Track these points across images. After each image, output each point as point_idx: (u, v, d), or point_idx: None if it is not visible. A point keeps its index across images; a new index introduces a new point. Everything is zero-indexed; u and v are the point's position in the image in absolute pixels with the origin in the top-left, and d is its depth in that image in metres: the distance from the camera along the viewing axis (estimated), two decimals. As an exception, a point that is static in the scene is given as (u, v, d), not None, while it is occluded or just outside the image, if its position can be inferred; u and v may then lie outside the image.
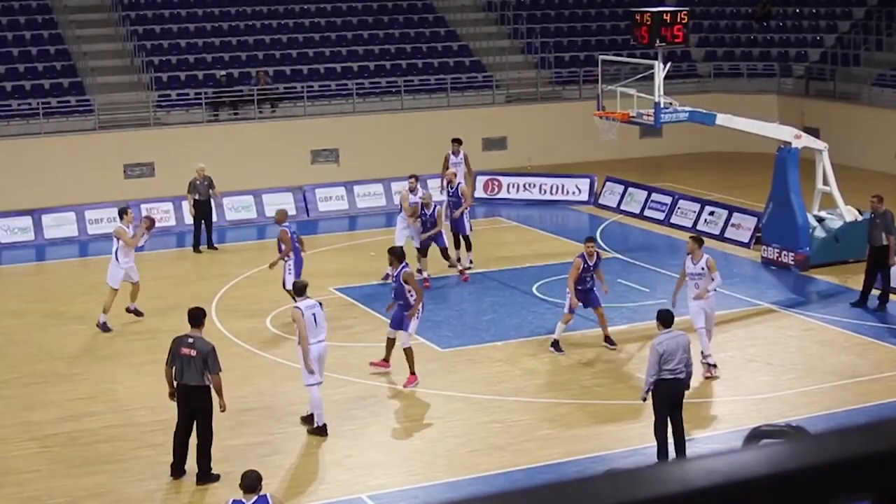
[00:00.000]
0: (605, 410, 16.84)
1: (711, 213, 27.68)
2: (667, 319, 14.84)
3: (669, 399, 14.48)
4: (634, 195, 30.01)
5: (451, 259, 23.63)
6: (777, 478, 1.66)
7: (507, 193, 31.79)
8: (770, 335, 20.14)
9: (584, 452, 15.26)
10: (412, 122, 34.98)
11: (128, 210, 21.93)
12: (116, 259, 20.94)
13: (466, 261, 24.40)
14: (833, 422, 15.88)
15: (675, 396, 14.54)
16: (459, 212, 24.10)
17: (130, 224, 21.48)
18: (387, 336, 18.15)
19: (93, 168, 31.86)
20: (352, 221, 30.40)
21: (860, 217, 23.96)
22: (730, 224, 26.92)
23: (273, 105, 35.03)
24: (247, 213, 29.92)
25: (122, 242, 20.90)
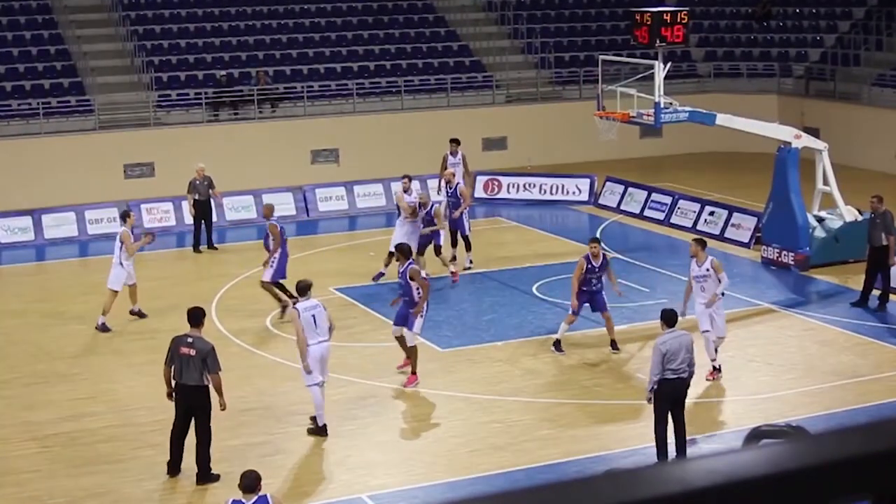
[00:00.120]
0: (605, 410, 16.84)
1: (711, 213, 27.68)
2: (670, 319, 14.84)
3: (672, 398, 14.48)
4: (634, 195, 30.01)
5: (444, 258, 23.55)
6: (777, 478, 1.66)
7: (507, 193, 31.79)
8: (770, 335, 20.14)
9: (584, 452, 15.26)
10: (412, 122, 34.97)
11: (130, 213, 22.02)
12: (120, 262, 20.99)
13: (466, 261, 24.41)
14: (833, 422, 15.89)
15: (678, 395, 14.56)
16: (459, 212, 24.10)
17: (132, 227, 21.57)
18: (393, 335, 18.11)
19: (93, 168, 31.86)
20: (352, 221, 30.41)
21: (860, 217, 23.96)
22: (730, 224, 26.92)
23: (273, 105, 35.04)
24: (247, 213, 29.92)
25: (125, 246, 20.95)
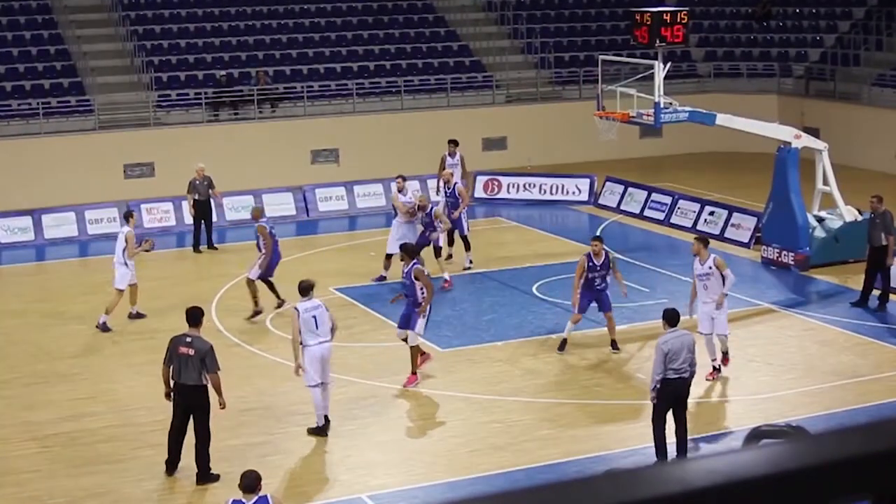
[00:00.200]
0: (605, 410, 16.84)
1: (711, 213, 27.68)
2: (672, 318, 14.84)
3: (673, 398, 14.49)
4: (634, 195, 30.01)
5: (441, 260, 23.43)
6: (777, 478, 1.66)
7: (507, 193, 31.78)
8: (770, 335, 20.14)
9: (584, 452, 15.26)
10: (412, 122, 34.97)
11: (133, 213, 22.24)
12: (125, 262, 21.03)
13: (466, 261, 24.42)
14: (833, 422, 15.89)
15: (679, 395, 14.56)
16: (458, 212, 24.10)
17: (134, 227, 21.72)
18: (399, 338, 18.01)
19: (93, 168, 31.86)
20: (352, 221, 30.41)
21: (860, 217, 23.96)
22: (730, 224, 26.92)
23: (273, 105, 35.03)
24: (247, 213, 29.72)
25: (128, 247, 21.01)
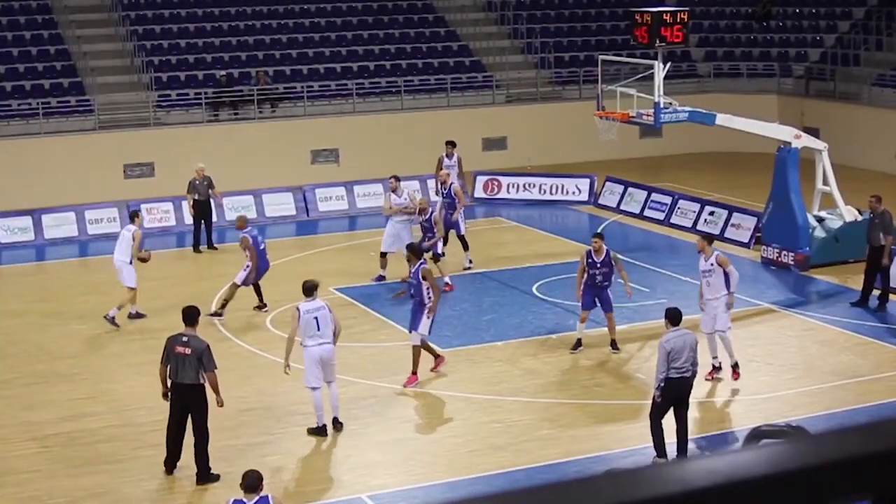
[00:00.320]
0: (605, 410, 16.84)
1: (711, 213, 27.68)
2: (675, 317, 14.85)
3: (675, 397, 14.50)
4: (634, 195, 30.00)
5: (440, 266, 23.36)
6: (777, 478, 1.66)
7: (507, 193, 31.78)
8: (770, 335, 20.14)
9: (584, 452, 15.26)
10: (412, 122, 34.97)
11: (139, 213, 22.50)
12: (130, 261, 21.13)
13: (465, 261, 24.42)
14: (833, 422, 15.88)
15: (681, 394, 14.58)
16: (456, 213, 24.10)
17: (140, 226, 21.92)
18: (413, 344, 17.88)
19: (93, 168, 31.86)
20: (352, 221, 30.41)
21: (860, 217, 23.95)
22: (730, 224, 26.91)
23: (273, 105, 35.03)
24: (247, 213, 29.81)
25: (133, 246, 21.08)
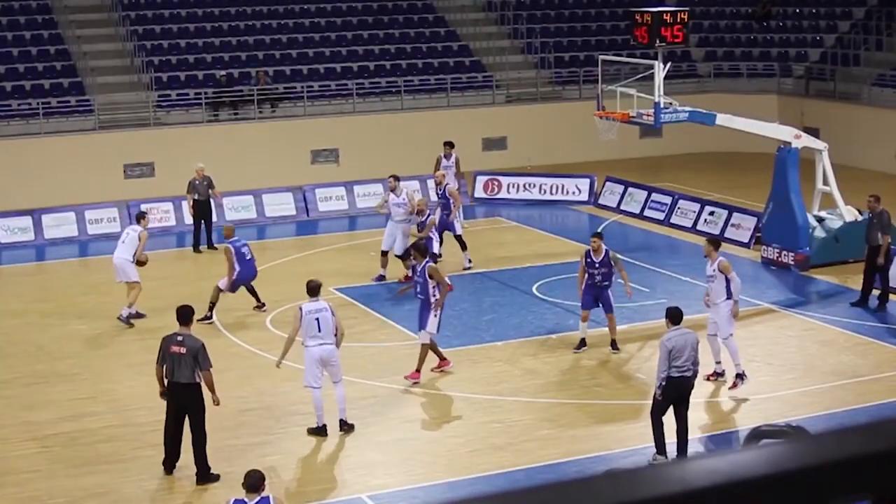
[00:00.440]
0: (605, 410, 16.84)
1: (711, 213, 27.67)
2: (676, 317, 14.87)
3: (676, 396, 14.51)
4: (634, 195, 29.99)
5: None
6: (777, 478, 1.66)
7: (507, 193, 31.77)
8: (770, 335, 20.14)
9: (584, 452, 15.26)
10: (412, 122, 34.97)
11: (145, 215, 22.55)
12: (132, 260, 21.21)
13: (465, 261, 24.42)
14: (833, 422, 15.88)
15: (682, 394, 14.59)
16: (453, 215, 24.10)
17: (146, 227, 22.03)
18: (422, 343, 17.90)
19: (93, 168, 31.87)
20: (352, 221, 30.40)
21: (860, 217, 23.95)
22: (730, 224, 26.89)
23: (273, 105, 35.03)
24: (247, 213, 29.92)
25: (141, 245, 21.16)
